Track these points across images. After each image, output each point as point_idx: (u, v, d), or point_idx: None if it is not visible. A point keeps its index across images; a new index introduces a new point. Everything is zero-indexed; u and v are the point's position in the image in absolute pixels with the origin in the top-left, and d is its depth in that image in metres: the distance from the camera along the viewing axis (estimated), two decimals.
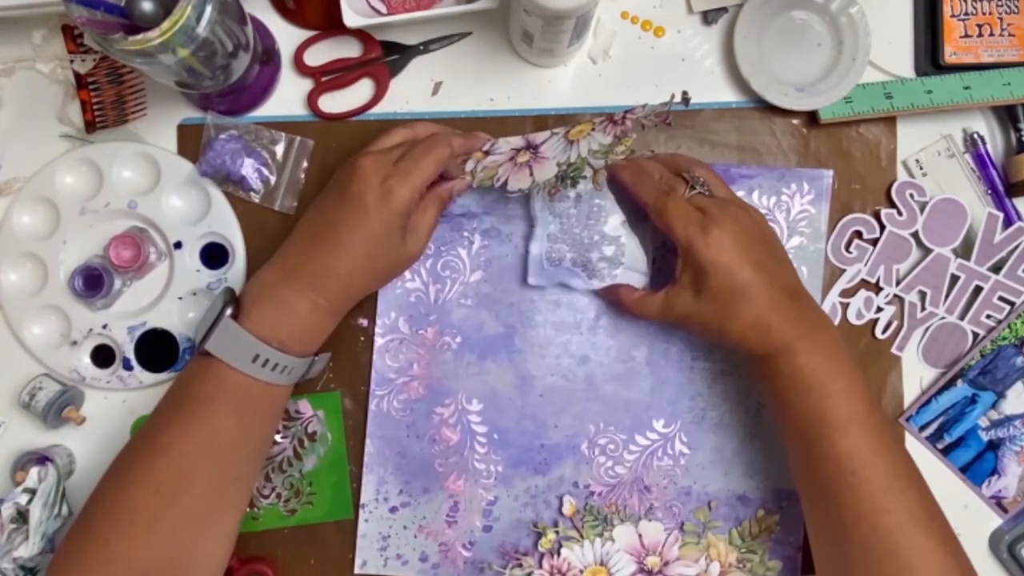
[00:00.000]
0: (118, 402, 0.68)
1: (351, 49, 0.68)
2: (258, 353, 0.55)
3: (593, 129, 0.62)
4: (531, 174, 0.62)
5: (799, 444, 0.57)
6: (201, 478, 0.55)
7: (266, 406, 0.58)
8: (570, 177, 0.61)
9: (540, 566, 0.66)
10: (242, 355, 0.55)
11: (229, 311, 0.55)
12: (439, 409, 0.67)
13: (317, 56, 0.68)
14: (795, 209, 0.67)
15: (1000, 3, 0.67)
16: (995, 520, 0.67)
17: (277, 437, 0.67)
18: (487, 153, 0.64)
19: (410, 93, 0.68)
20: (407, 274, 0.67)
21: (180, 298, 0.67)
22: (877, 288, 0.67)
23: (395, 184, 0.57)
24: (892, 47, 0.68)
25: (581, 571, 0.66)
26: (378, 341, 0.67)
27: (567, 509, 0.66)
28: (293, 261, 0.58)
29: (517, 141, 0.65)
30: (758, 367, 0.59)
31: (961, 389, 0.67)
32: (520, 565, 0.66)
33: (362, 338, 0.67)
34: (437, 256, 0.66)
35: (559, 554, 0.65)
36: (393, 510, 0.66)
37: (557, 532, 0.66)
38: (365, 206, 0.57)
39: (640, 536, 0.66)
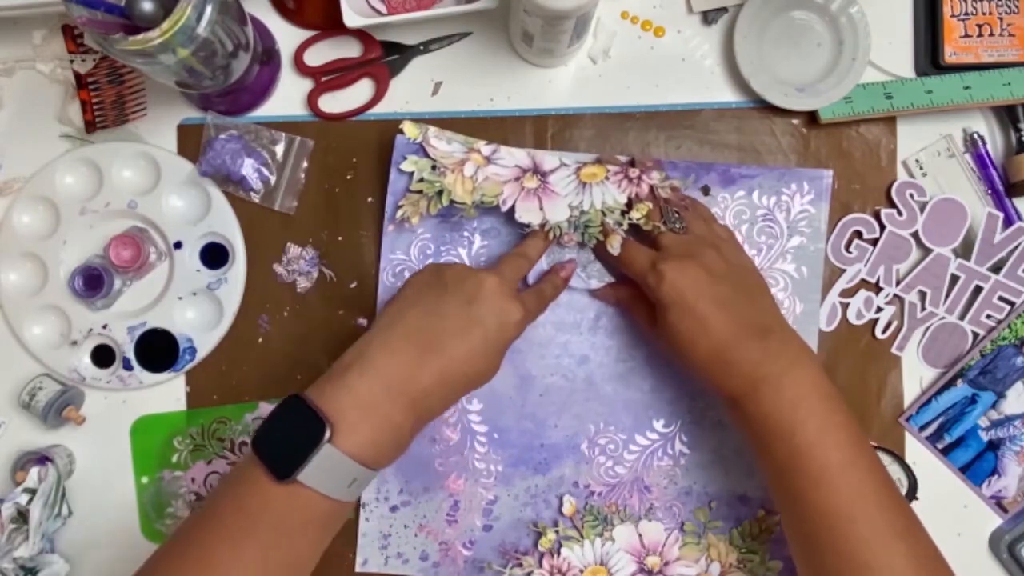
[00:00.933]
0: (118, 402, 0.68)
1: (351, 49, 0.68)
2: (355, 477, 0.50)
3: (607, 177, 0.64)
4: (541, 207, 0.63)
5: (777, 493, 0.56)
6: None
7: (339, 524, 0.54)
8: (584, 228, 0.63)
9: (540, 566, 0.65)
10: (340, 483, 0.49)
11: (327, 434, 0.48)
12: None
13: (317, 56, 0.68)
14: (795, 209, 0.67)
15: (1000, 3, 0.67)
16: (995, 520, 0.67)
17: None
18: (488, 160, 0.64)
19: (410, 93, 0.68)
20: (406, 273, 0.66)
21: (180, 298, 0.67)
22: (877, 288, 0.67)
23: (518, 316, 0.55)
24: (892, 47, 0.68)
25: (581, 571, 0.65)
26: None
27: (567, 509, 0.66)
28: (397, 372, 0.51)
29: (522, 157, 0.65)
30: (728, 411, 0.58)
31: (961, 389, 0.67)
32: (520, 565, 0.66)
33: None
34: (437, 255, 0.66)
35: (559, 554, 0.65)
36: (394, 509, 0.66)
37: (557, 532, 0.66)
38: (483, 323, 0.54)
39: (640, 536, 0.66)
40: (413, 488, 0.66)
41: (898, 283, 0.67)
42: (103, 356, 0.68)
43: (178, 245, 0.67)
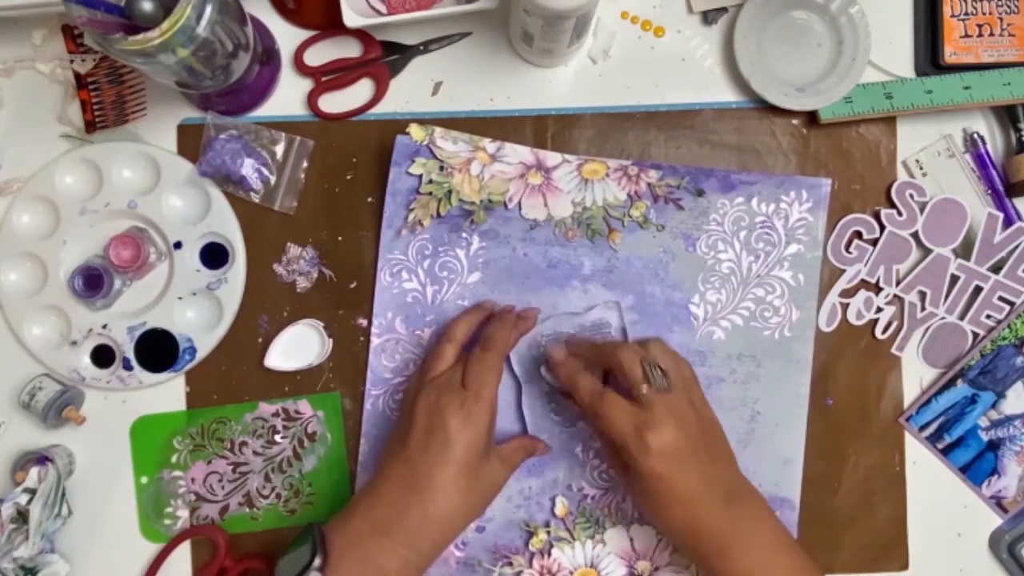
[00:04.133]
0: (118, 402, 0.68)
1: (351, 49, 0.68)
2: None
3: (607, 174, 0.65)
4: (545, 204, 0.65)
5: None
6: None
7: None
8: (587, 224, 0.65)
9: (530, 566, 0.65)
10: None
11: (317, 562, 0.53)
12: None
13: (317, 56, 0.68)
14: (793, 216, 0.67)
15: (1000, 3, 0.67)
16: (995, 520, 0.67)
17: (277, 438, 0.67)
18: (493, 157, 0.65)
19: (410, 93, 0.68)
20: (404, 274, 0.66)
21: (180, 298, 0.67)
22: (877, 288, 0.67)
23: (472, 406, 0.57)
24: (892, 47, 0.68)
25: (571, 572, 0.65)
26: (374, 341, 0.67)
27: (559, 510, 0.66)
28: (383, 512, 0.56)
29: (526, 154, 0.66)
30: (697, 564, 0.59)
31: (961, 389, 0.67)
32: (510, 564, 0.65)
33: (362, 338, 0.67)
34: (435, 257, 0.66)
35: (550, 554, 0.65)
36: None
37: (549, 532, 0.66)
38: (449, 437, 0.56)
39: (632, 540, 0.66)
40: None
41: (898, 283, 0.67)
42: (103, 356, 0.67)
43: (178, 245, 0.67)
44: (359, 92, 0.68)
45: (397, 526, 0.55)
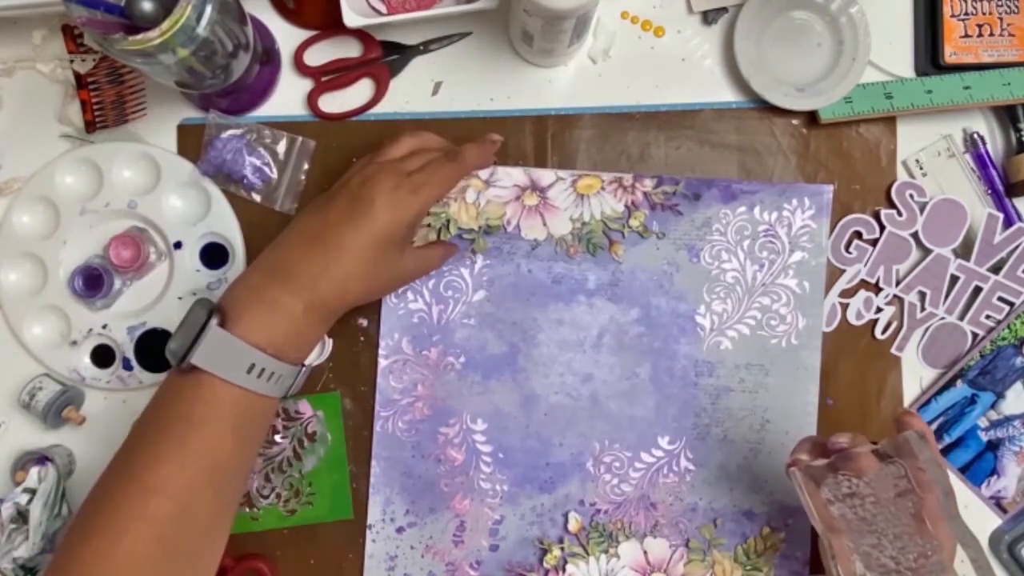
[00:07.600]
0: (118, 402, 0.68)
1: (351, 49, 0.68)
2: (253, 362, 0.51)
3: (603, 187, 0.66)
4: (544, 223, 0.66)
5: None
6: (204, 510, 0.51)
7: (260, 422, 0.55)
8: (587, 240, 0.66)
9: None
10: (236, 366, 0.51)
11: (215, 319, 0.51)
12: (444, 429, 0.66)
13: (317, 56, 0.68)
14: (796, 224, 0.66)
15: (1000, 3, 0.67)
16: (995, 520, 0.67)
17: (277, 438, 0.67)
18: (487, 183, 0.66)
19: (410, 93, 0.68)
20: (409, 295, 0.66)
21: (180, 298, 0.67)
22: (877, 288, 0.67)
23: (405, 194, 0.56)
24: (892, 47, 0.68)
25: None
26: (382, 362, 0.66)
27: (572, 525, 0.65)
28: (285, 260, 0.55)
29: (519, 176, 0.66)
30: None
31: (960, 389, 0.67)
32: None
33: (362, 338, 0.67)
34: (439, 276, 0.66)
35: (564, 570, 0.65)
36: (400, 530, 0.66)
37: (562, 549, 0.65)
38: (373, 210, 0.55)
39: (645, 553, 0.66)
40: (419, 509, 0.66)
41: (898, 283, 0.67)
42: (103, 356, 0.67)
43: (178, 245, 0.67)
44: (359, 92, 0.68)
45: (298, 270, 0.54)
